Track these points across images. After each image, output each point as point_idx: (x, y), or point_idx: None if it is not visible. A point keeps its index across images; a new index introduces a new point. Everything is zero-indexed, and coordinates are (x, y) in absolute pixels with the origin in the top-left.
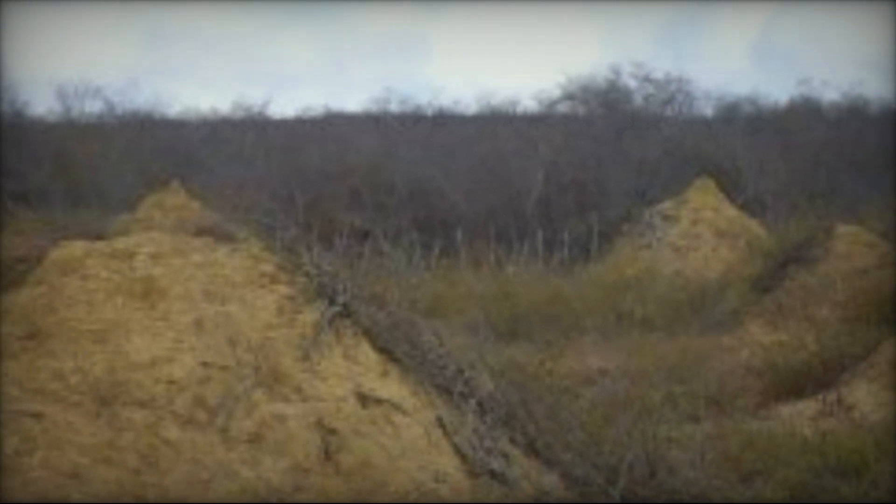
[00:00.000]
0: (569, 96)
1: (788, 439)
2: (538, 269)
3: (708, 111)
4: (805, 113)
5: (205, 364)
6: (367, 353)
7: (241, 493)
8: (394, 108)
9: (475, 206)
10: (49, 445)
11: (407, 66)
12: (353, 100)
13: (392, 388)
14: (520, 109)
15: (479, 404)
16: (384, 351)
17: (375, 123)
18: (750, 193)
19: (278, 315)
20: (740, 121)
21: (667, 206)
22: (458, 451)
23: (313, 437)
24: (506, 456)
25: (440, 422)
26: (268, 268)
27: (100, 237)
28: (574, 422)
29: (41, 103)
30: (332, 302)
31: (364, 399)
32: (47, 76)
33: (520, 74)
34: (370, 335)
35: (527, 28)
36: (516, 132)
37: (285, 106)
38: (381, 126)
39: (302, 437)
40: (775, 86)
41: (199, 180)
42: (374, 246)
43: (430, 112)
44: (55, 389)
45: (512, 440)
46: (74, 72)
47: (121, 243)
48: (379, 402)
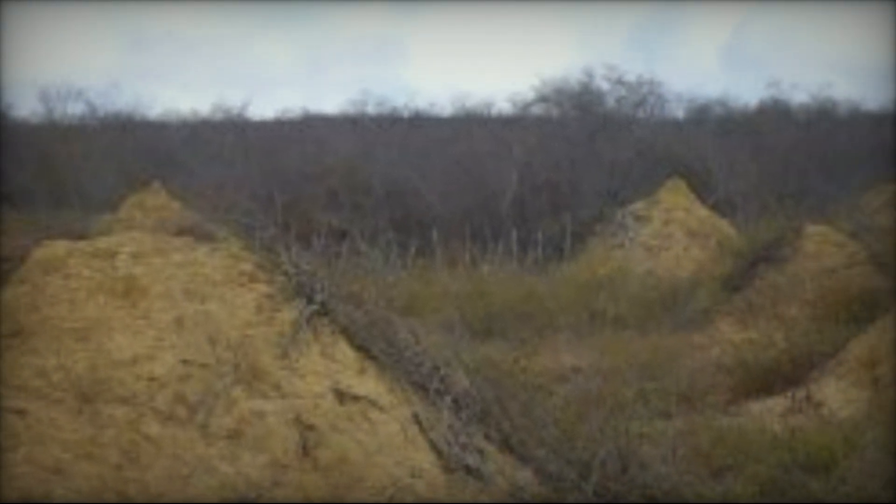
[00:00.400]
0: (542, 98)
1: (758, 435)
2: (512, 268)
3: (679, 113)
4: (774, 115)
5: (185, 361)
6: (345, 351)
7: (221, 488)
8: (371, 110)
9: (451, 206)
10: (32, 441)
11: (384, 68)
12: (331, 102)
13: (369, 385)
14: (494, 111)
15: (455, 401)
16: (361, 349)
17: (353, 125)
18: (720, 194)
19: (257, 313)
20: (711, 123)
21: (639, 206)
22: (434, 447)
23: (291, 433)
24: (481, 452)
25: (416, 418)
26: (247, 267)
27: (82, 237)
28: (548, 418)
29: (24, 105)
30: (310, 300)
31: (341, 396)
32: (30, 79)
33: (494, 77)
34: (347, 333)
35: (501, 32)
36: (491, 134)
37: (264, 108)
38: (358, 128)
39: (280, 434)
40: (745, 88)
41: (179, 181)
42: (352, 245)
43: (406, 114)
44: (38, 386)
45: (487, 436)
46: (57, 74)
47: (103, 243)
48: (356, 398)
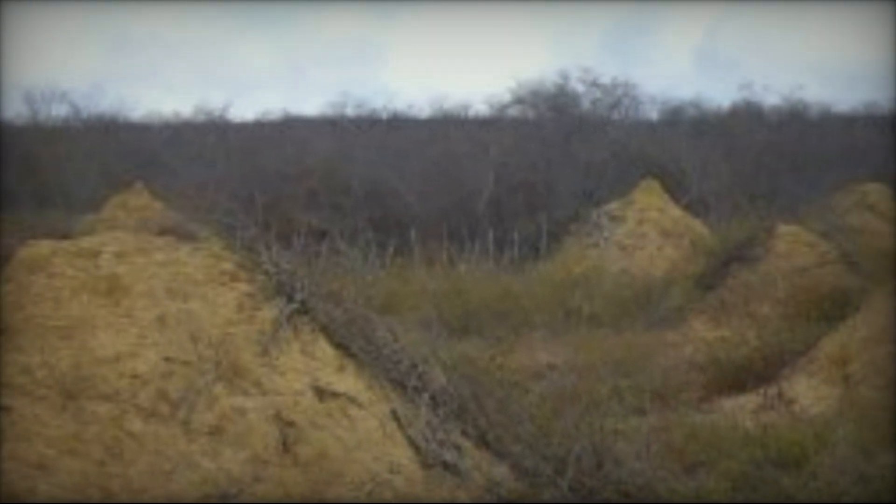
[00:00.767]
0: (519, 101)
1: (731, 432)
2: (489, 267)
3: (653, 115)
4: (747, 117)
5: (167, 359)
6: (324, 349)
7: (202, 483)
8: (350, 111)
9: (428, 206)
10: (17, 438)
11: (363, 71)
12: (311, 104)
13: (348, 382)
14: (471, 113)
15: (432, 398)
16: (340, 346)
17: (332, 127)
18: (694, 194)
19: (238, 312)
20: (684, 124)
21: (613, 206)
22: (412, 442)
23: (272, 429)
24: (458, 448)
25: (394, 415)
26: (228, 266)
27: (66, 236)
28: (524, 415)
29: (9, 107)
30: (290, 299)
31: (321, 393)
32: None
33: (471, 79)
34: (327, 331)
35: (478, 35)
36: (468, 135)
37: (245, 110)
38: (337, 129)
39: (261, 430)
40: (718, 90)
41: (161, 182)
42: (331, 245)
43: (384, 116)
44: (22, 383)
45: (464, 432)
46: (41, 77)
47: (86, 242)
48: (335, 395)
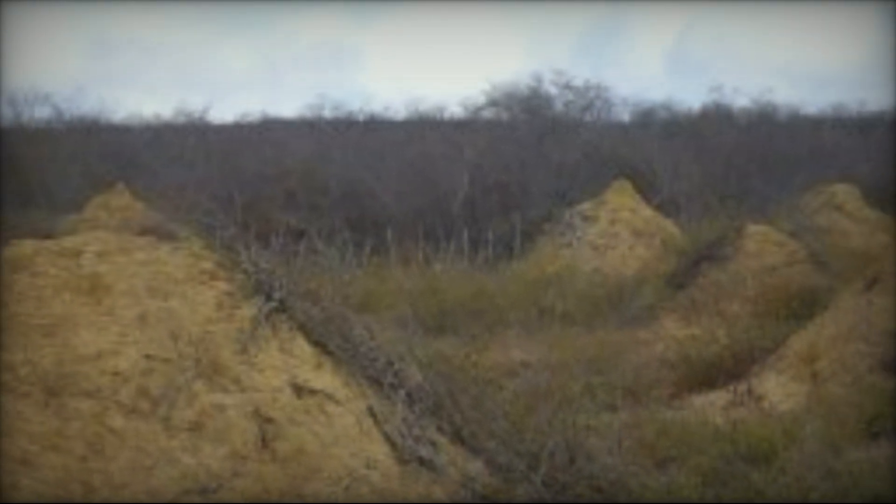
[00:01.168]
0: (493, 103)
1: (701, 428)
2: (464, 266)
3: (625, 117)
4: (717, 118)
5: (148, 356)
6: (302, 347)
7: (183, 478)
8: (327, 113)
9: (404, 206)
10: (0, 434)
11: (340, 74)
12: (289, 106)
13: (325, 379)
14: (447, 115)
15: (408, 395)
16: (318, 344)
17: (310, 128)
18: (665, 195)
19: (218, 310)
20: (656, 126)
21: (586, 206)
22: (388, 438)
23: (251, 425)
24: (433, 444)
25: (371, 411)
26: (208, 265)
27: (48, 236)
28: (498, 411)
29: None
30: (268, 298)
31: (299, 390)
32: None
33: (447, 82)
34: (305, 329)
35: (454, 38)
36: (443, 137)
37: (224, 112)
38: (315, 131)
39: (240, 426)
40: (689, 93)
41: (142, 182)
42: (309, 244)
43: (361, 118)
44: (6, 381)
45: (439, 429)
46: (25, 80)
47: (68, 242)
48: (313, 392)
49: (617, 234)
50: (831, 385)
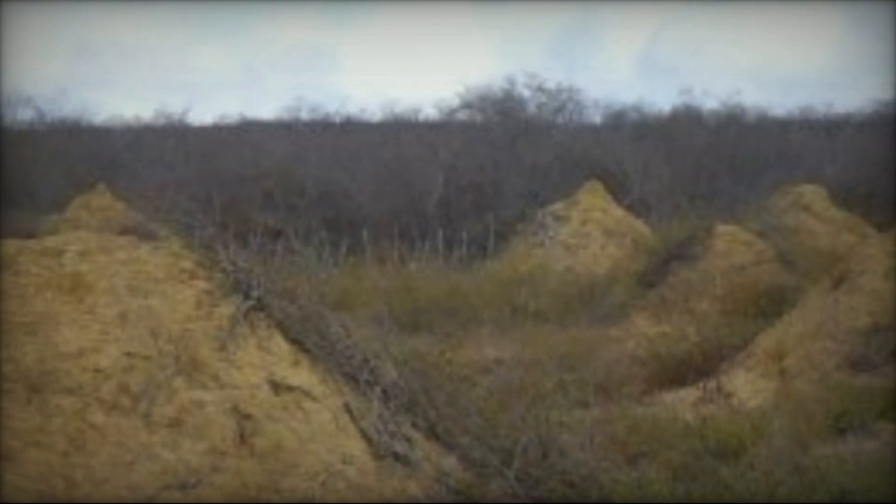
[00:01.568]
0: (467, 105)
1: (671, 424)
2: (438, 265)
3: (596, 119)
4: (687, 120)
5: (129, 354)
6: (280, 344)
7: (163, 473)
8: (304, 115)
9: (380, 206)
10: None
11: (317, 76)
12: (267, 108)
13: (303, 376)
14: (421, 117)
15: (384, 391)
16: (295, 342)
17: (287, 130)
18: (636, 195)
19: (197, 308)
20: (627, 128)
21: (558, 206)
22: (364, 434)
23: (229, 421)
24: (408, 440)
25: (347, 408)
26: (187, 264)
27: (31, 236)
28: (472, 408)
29: None
30: (247, 296)
31: (277, 386)
32: None
33: (422, 84)
34: (282, 327)
35: (428, 41)
36: (418, 138)
37: (203, 114)
38: (292, 133)
39: (219, 422)
40: (659, 95)
41: (123, 183)
42: (287, 244)
43: (338, 119)
44: None
45: (414, 425)
46: (7, 82)
47: (50, 241)
48: (290, 389)
49: (588, 233)
50: (799, 382)
